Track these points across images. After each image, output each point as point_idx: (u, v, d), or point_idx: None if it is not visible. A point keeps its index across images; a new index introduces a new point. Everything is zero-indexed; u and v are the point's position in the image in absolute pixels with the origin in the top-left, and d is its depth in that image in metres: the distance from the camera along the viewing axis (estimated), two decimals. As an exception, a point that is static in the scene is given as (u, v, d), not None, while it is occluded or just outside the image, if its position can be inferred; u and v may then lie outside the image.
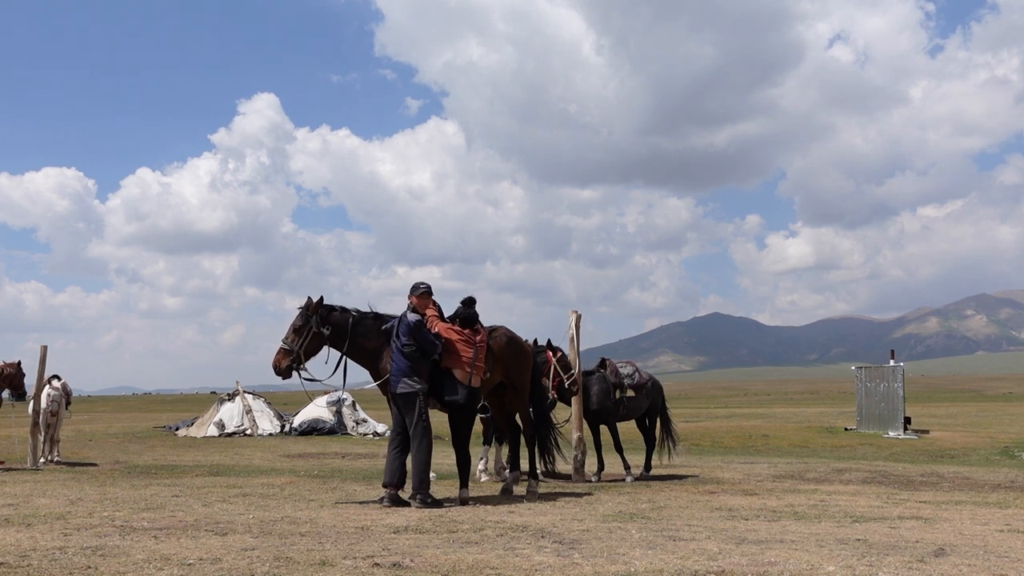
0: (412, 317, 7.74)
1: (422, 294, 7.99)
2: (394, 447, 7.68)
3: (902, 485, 9.96)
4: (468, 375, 7.83)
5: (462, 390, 7.79)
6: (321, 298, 7.98)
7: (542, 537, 5.30)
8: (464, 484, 7.95)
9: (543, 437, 9.20)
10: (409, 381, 7.59)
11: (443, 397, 7.83)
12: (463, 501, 7.70)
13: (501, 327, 8.65)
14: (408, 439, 7.63)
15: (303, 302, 7.99)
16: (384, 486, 7.56)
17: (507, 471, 9.52)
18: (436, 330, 7.87)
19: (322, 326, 7.87)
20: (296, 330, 7.87)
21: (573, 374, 10.55)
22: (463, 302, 8.32)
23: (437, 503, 7.40)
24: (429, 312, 7.99)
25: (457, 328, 7.97)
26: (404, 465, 7.63)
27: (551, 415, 9.61)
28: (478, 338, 7.99)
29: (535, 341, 10.40)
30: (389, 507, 7.25)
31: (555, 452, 9.54)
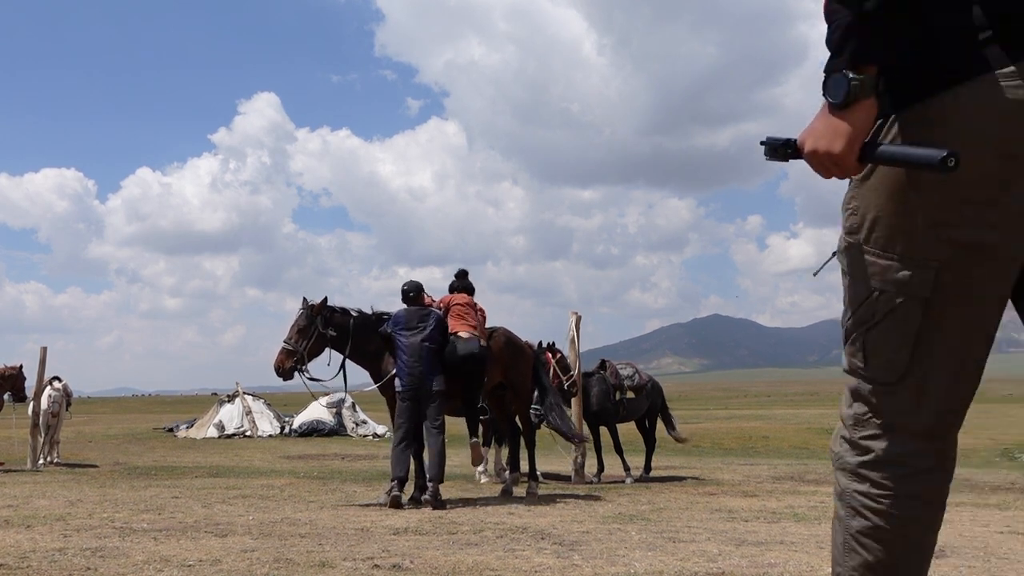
0: (438, 313, 7.86)
1: (419, 295, 8.01)
2: (403, 442, 7.59)
3: (902, 487, 9.95)
4: (475, 335, 7.92)
5: (472, 343, 7.81)
6: (325, 299, 7.97)
7: (542, 539, 5.29)
8: (473, 433, 8.14)
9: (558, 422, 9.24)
10: (441, 379, 7.62)
11: (457, 353, 7.75)
12: (476, 454, 7.97)
13: (500, 328, 8.66)
14: (417, 435, 7.64)
15: (303, 303, 7.99)
16: (394, 479, 7.49)
17: (507, 472, 9.51)
18: (439, 304, 8.02)
19: (326, 327, 7.84)
20: (300, 331, 7.83)
21: (572, 375, 10.55)
22: (457, 275, 8.56)
23: (442, 503, 7.40)
24: (426, 299, 8.12)
25: (460, 296, 8.20)
26: (410, 460, 7.63)
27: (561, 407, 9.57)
28: (478, 306, 8.23)
29: (539, 343, 10.42)
30: (399, 494, 7.28)
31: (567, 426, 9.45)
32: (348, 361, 8.06)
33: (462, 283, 8.47)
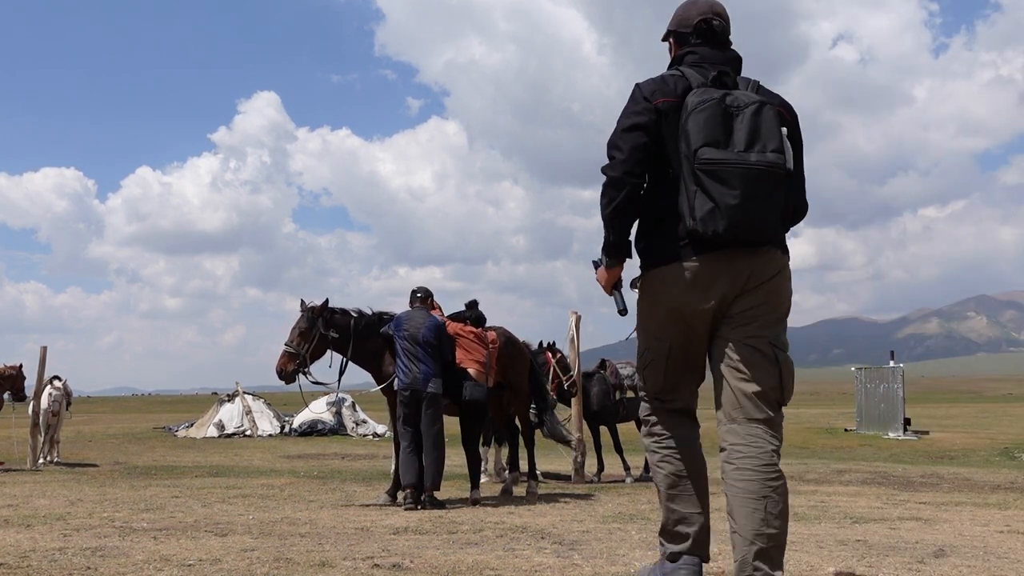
0: (438, 318, 7.76)
1: (425, 298, 7.97)
2: (411, 446, 7.53)
3: (902, 486, 9.96)
4: (483, 375, 7.80)
5: (479, 389, 7.74)
6: (327, 301, 7.92)
7: (542, 538, 5.30)
8: (475, 485, 7.92)
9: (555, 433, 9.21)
10: (438, 381, 7.55)
11: (460, 396, 7.71)
12: (475, 502, 7.64)
13: (499, 327, 8.65)
14: (419, 437, 7.59)
15: (301, 304, 7.93)
16: (407, 487, 7.43)
17: (506, 472, 9.52)
18: (449, 330, 7.85)
19: (327, 329, 7.79)
20: (302, 333, 7.76)
21: (572, 375, 10.55)
22: (468, 305, 8.35)
23: (440, 504, 7.38)
24: (435, 313, 8.00)
25: (470, 328, 8.00)
26: (423, 465, 7.55)
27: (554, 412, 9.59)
28: (490, 338, 8.01)
29: (540, 343, 10.43)
30: (414, 508, 7.14)
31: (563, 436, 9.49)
32: (348, 362, 8.03)
33: (473, 313, 8.26)
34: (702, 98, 3.11)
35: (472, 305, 8.37)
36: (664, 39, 3.56)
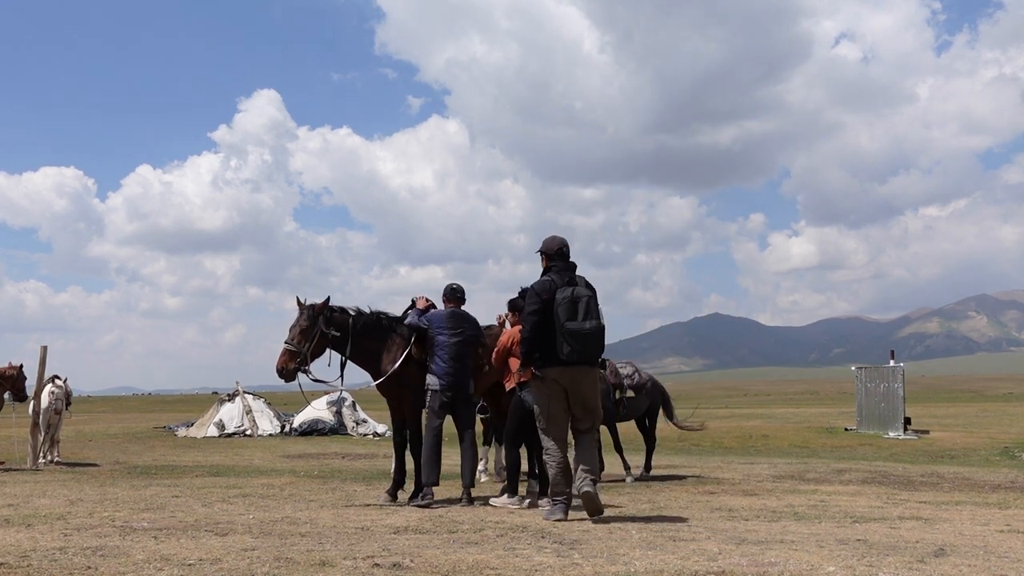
0: (475, 320, 7.91)
1: (463, 299, 8.04)
2: (434, 444, 7.60)
3: (902, 485, 9.96)
4: None
5: None
6: (328, 299, 7.89)
7: (542, 537, 5.30)
8: (514, 492, 7.84)
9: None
10: (471, 382, 7.74)
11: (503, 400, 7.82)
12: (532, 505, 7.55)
13: (497, 327, 8.62)
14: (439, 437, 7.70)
15: (297, 303, 7.88)
16: (427, 485, 7.47)
17: (506, 471, 9.50)
18: (503, 343, 7.74)
19: (328, 327, 7.76)
20: (303, 331, 7.72)
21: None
22: (521, 294, 8.06)
23: (471, 501, 7.44)
24: (422, 303, 8.06)
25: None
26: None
27: None
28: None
29: None
30: (432, 501, 7.33)
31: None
32: (347, 360, 8.01)
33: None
34: (564, 295, 6.42)
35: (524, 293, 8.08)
36: (538, 252, 6.83)
